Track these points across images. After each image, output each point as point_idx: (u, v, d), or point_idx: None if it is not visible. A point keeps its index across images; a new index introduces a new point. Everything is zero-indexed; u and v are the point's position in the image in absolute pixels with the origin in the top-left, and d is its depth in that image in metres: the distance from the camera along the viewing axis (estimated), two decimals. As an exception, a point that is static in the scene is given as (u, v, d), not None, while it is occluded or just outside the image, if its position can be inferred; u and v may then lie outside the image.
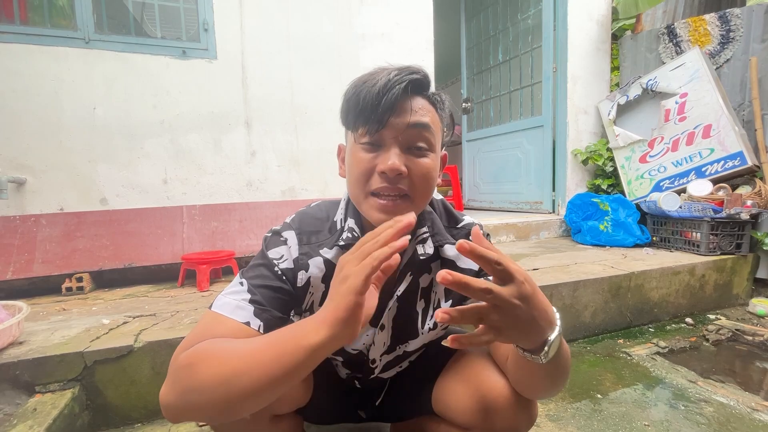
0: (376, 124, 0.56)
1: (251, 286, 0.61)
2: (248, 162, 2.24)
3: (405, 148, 0.58)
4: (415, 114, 0.58)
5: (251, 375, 0.45)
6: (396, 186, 0.58)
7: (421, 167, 0.59)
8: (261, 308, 0.59)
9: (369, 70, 0.59)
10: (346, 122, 0.61)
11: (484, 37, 3.67)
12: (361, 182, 0.59)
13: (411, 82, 0.56)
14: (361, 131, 0.58)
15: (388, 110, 0.56)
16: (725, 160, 2.21)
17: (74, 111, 1.93)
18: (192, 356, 0.50)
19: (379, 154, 0.58)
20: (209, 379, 0.47)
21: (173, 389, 0.49)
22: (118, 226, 1.88)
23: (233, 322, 0.56)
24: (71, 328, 1.24)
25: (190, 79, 2.11)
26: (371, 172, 0.58)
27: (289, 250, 0.65)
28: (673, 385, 1.31)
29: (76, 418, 1.03)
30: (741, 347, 1.63)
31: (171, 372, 0.51)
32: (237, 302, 0.58)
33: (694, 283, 1.94)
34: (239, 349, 0.48)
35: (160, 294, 1.69)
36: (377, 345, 0.73)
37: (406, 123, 0.57)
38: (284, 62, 2.29)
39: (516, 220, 2.83)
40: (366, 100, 0.55)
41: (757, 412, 1.15)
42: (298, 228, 0.67)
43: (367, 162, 0.58)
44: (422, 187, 0.60)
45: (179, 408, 0.49)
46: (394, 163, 0.56)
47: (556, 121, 3.01)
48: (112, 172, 2.00)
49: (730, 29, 2.43)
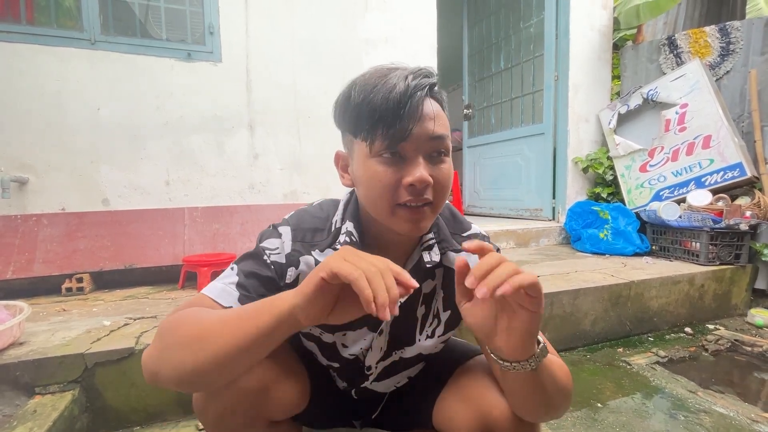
0: (400, 136, 0.53)
1: (241, 271, 0.61)
2: (251, 165, 2.25)
3: (427, 156, 0.57)
4: (436, 123, 0.56)
5: (221, 336, 0.48)
6: (422, 196, 0.56)
7: (442, 174, 0.58)
8: (246, 295, 0.59)
9: (371, 70, 0.57)
10: (353, 130, 0.58)
11: (487, 45, 3.70)
12: (385, 197, 0.56)
13: (430, 87, 0.55)
14: (379, 143, 0.55)
15: (411, 120, 0.53)
16: (725, 171, 2.23)
17: (78, 111, 1.94)
18: (175, 318, 0.53)
19: (403, 166, 0.56)
20: (185, 335, 0.50)
21: (154, 347, 0.53)
22: (119, 226, 1.88)
23: (216, 305, 0.57)
24: (72, 330, 1.24)
25: (194, 81, 2.12)
26: (396, 186, 0.56)
27: (282, 244, 0.64)
28: (672, 395, 1.31)
29: (75, 420, 1.02)
30: (740, 358, 1.63)
31: (156, 333, 0.54)
32: (224, 286, 0.59)
33: (694, 292, 1.95)
34: (215, 314, 0.52)
35: (160, 296, 1.69)
36: (374, 350, 0.72)
37: (429, 133, 0.55)
38: (288, 66, 2.30)
39: (516, 226, 2.84)
40: (385, 109, 0.52)
41: (757, 423, 1.15)
42: (295, 225, 0.66)
43: (390, 175, 0.55)
44: (443, 192, 0.59)
45: (156, 366, 0.51)
46: (422, 175, 0.54)
47: (557, 128, 3.02)
48: (114, 172, 2.01)
49: (730, 41, 2.46)
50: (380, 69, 0.56)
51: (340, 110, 0.59)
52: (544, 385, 0.54)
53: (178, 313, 0.54)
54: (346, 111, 0.57)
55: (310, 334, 0.73)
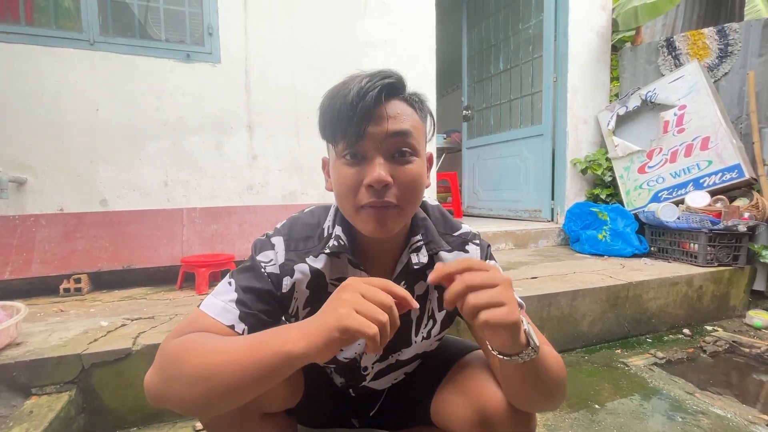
0: (354, 136, 0.55)
1: (239, 287, 0.61)
2: (249, 166, 2.25)
3: (389, 156, 0.57)
4: (394, 121, 0.56)
5: (231, 373, 0.48)
6: (383, 199, 0.56)
7: (406, 174, 0.57)
8: (246, 312, 0.59)
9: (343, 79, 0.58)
10: (324, 136, 0.60)
11: (486, 46, 3.70)
12: (349, 198, 0.58)
13: (384, 87, 0.55)
14: (341, 145, 0.57)
15: (364, 120, 0.54)
16: (723, 173, 2.23)
17: (77, 112, 1.94)
18: (179, 347, 0.53)
19: (364, 166, 0.56)
20: (191, 372, 0.49)
21: (158, 375, 0.53)
22: (117, 227, 1.87)
23: (217, 323, 0.57)
24: (69, 330, 1.24)
25: (193, 82, 2.13)
26: (358, 187, 0.57)
27: (276, 255, 0.65)
28: (670, 397, 1.31)
29: (72, 421, 1.02)
30: (738, 359, 1.63)
31: (158, 359, 0.54)
32: (224, 304, 0.59)
33: (692, 294, 1.95)
34: (223, 347, 0.51)
35: (158, 296, 1.69)
36: (369, 354, 0.72)
37: (385, 131, 0.55)
38: (287, 67, 2.31)
39: (515, 227, 2.84)
40: (341, 112, 0.54)
41: (755, 425, 1.15)
42: (287, 234, 0.67)
43: (352, 176, 0.57)
44: (410, 194, 0.58)
45: (161, 395, 0.52)
46: (379, 175, 0.54)
47: (556, 130, 3.03)
48: (113, 173, 2.01)
49: (729, 43, 2.47)
50: (348, 77, 0.57)
51: (318, 119, 0.60)
52: (540, 376, 0.55)
53: (181, 341, 0.53)
54: (319, 118, 0.59)
55: None
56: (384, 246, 0.67)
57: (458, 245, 0.72)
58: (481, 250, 0.72)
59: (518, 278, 1.85)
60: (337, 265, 0.67)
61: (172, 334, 0.57)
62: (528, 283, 1.77)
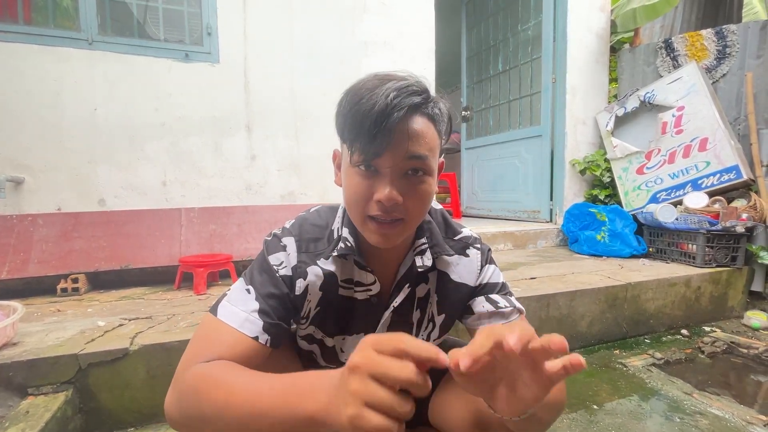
0: (373, 154, 0.54)
1: (259, 294, 0.60)
2: (248, 166, 2.25)
3: (402, 174, 0.56)
4: (414, 143, 0.55)
5: (254, 425, 0.45)
6: (391, 214, 0.56)
7: (417, 193, 0.57)
8: (270, 322, 0.59)
9: (367, 78, 0.56)
10: (341, 137, 0.59)
11: (485, 47, 3.71)
12: (358, 207, 0.58)
13: (411, 108, 0.54)
14: (357, 155, 0.56)
15: (385, 140, 0.53)
16: (721, 174, 2.24)
17: (75, 112, 1.94)
18: (200, 381, 0.51)
19: (376, 181, 0.56)
20: (211, 414, 0.48)
21: (178, 406, 0.52)
22: (115, 227, 1.87)
23: (241, 335, 0.57)
24: (66, 330, 1.23)
25: (192, 82, 2.12)
26: (368, 198, 0.57)
27: (287, 257, 0.64)
28: (668, 397, 1.31)
29: (68, 421, 1.02)
30: (736, 360, 1.63)
31: (177, 387, 0.53)
32: (246, 314, 0.58)
33: (690, 294, 1.95)
34: (245, 391, 0.47)
35: (156, 296, 1.69)
36: None
37: (403, 153, 0.54)
38: (287, 68, 2.30)
39: (514, 228, 2.84)
40: (363, 124, 0.52)
41: (752, 425, 1.15)
42: (297, 235, 0.67)
43: (363, 188, 0.57)
44: (418, 210, 0.59)
45: (183, 425, 0.52)
46: (390, 194, 0.54)
47: (555, 131, 3.03)
48: (111, 173, 2.00)
49: (727, 45, 2.47)
50: (374, 79, 0.55)
51: (336, 113, 0.59)
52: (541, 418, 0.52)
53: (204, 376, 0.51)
54: (338, 116, 0.58)
55: (312, 336, 0.73)
56: (389, 248, 0.67)
57: (459, 249, 0.72)
58: (482, 254, 0.73)
59: (517, 279, 1.85)
60: (345, 266, 0.67)
61: (191, 353, 0.55)
62: (527, 283, 1.77)
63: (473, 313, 0.69)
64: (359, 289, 0.67)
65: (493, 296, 0.69)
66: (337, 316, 0.69)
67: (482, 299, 0.69)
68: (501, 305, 0.68)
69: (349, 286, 0.68)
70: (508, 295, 0.71)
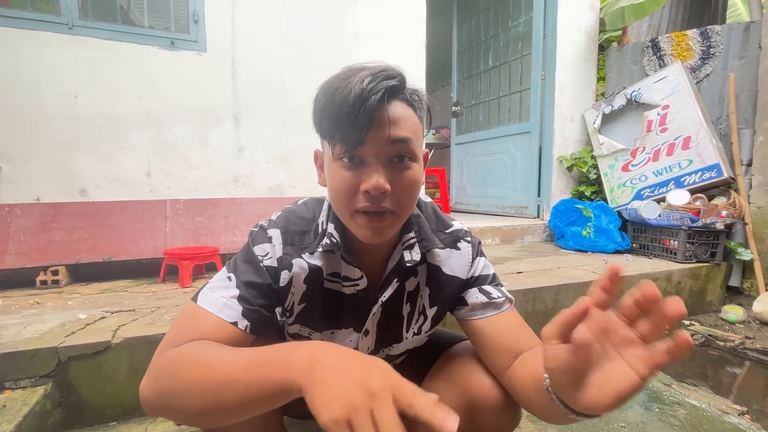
0: (355, 142, 0.52)
1: (239, 282, 0.60)
2: (235, 157, 2.21)
3: (387, 161, 0.55)
4: (396, 126, 0.53)
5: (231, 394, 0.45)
6: (380, 204, 0.55)
7: (405, 180, 0.56)
8: (249, 308, 0.58)
9: (340, 71, 0.54)
10: (320, 132, 0.57)
11: (476, 42, 3.71)
12: (344, 201, 0.56)
13: (387, 90, 0.52)
14: (338, 147, 0.54)
15: (365, 125, 0.51)
16: (703, 172, 2.29)
17: (56, 99, 1.87)
18: (176, 360, 0.50)
19: (361, 171, 0.54)
20: (189, 389, 0.47)
21: (154, 388, 0.50)
22: (97, 218, 1.82)
23: (219, 321, 0.56)
24: (45, 323, 1.20)
25: (178, 70, 2.07)
26: (354, 191, 0.55)
27: (273, 249, 0.64)
28: (648, 388, 1.34)
29: (47, 415, 0.99)
30: (713, 352, 1.69)
31: (153, 369, 0.51)
32: (225, 300, 0.57)
33: (671, 289, 2.00)
34: (222, 364, 0.47)
35: (140, 289, 1.65)
36: (361, 349, 0.72)
37: (386, 138, 0.53)
38: (275, 58, 2.27)
39: (501, 224, 2.87)
40: (341, 113, 0.50)
41: (727, 414, 1.19)
42: (283, 227, 0.66)
43: (348, 180, 0.55)
44: (407, 200, 0.57)
45: (158, 406, 0.50)
46: (377, 182, 0.53)
47: (543, 127, 3.06)
48: (93, 163, 1.95)
49: (711, 45, 2.52)
50: (347, 70, 0.53)
51: (313, 110, 0.57)
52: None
53: (177, 353, 0.50)
54: (315, 112, 0.56)
55: (299, 335, 0.72)
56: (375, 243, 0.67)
57: (450, 243, 0.72)
58: (473, 248, 0.73)
59: (504, 273, 1.87)
60: (331, 260, 0.66)
61: (166, 342, 0.54)
62: (514, 277, 1.79)
63: (467, 304, 0.69)
64: (347, 283, 0.67)
65: (485, 287, 0.70)
66: (325, 310, 0.68)
67: (475, 290, 0.69)
68: (494, 296, 0.69)
69: (335, 280, 0.67)
70: (498, 285, 0.72)
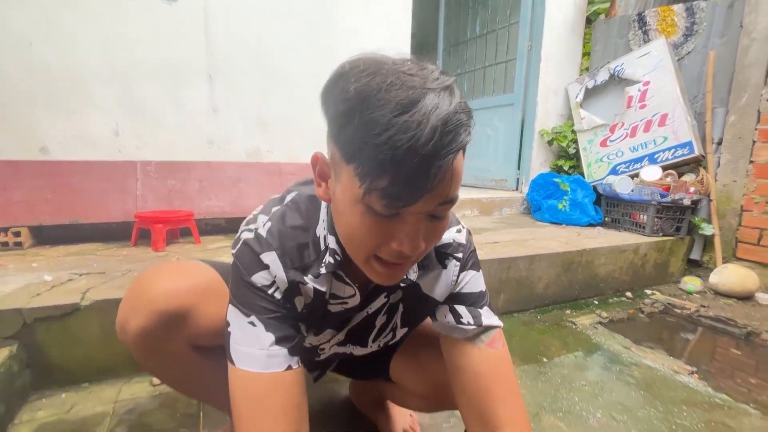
0: (404, 201, 0.41)
1: (268, 323, 0.53)
2: (210, 119, 2.11)
3: (428, 217, 0.45)
4: (454, 186, 0.44)
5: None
6: (405, 257, 0.47)
7: (437, 231, 0.48)
8: (291, 346, 0.54)
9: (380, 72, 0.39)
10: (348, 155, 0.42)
11: (464, 7, 3.59)
12: (363, 248, 0.47)
13: (464, 146, 0.41)
14: (376, 198, 0.41)
15: (424, 187, 0.40)
16: (676, 149, 2.35)
17: (6, 46, 1.71)
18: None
19: (395, 224, 0.44)
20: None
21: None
22: (61, 178, 1.72)
23: (272, 375, 0.52)
24: (7, 284, 1.15)
25: (145, 21, 1.91)
26: (380, 242, 0.46)
27: (275, 278, 0.54)
28: (609, 351, 1.43)
29: (15, 377, 0.97)
30: (671, 319, 1.80)
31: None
32: (266, 351, 0.52)
33: (637, 261, 2.10)
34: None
35: (110, 252, 1.60)
36: (331, 342, 0.71)
37: (439, 199, 0.43)
38: (253, 14, 2.12)
39: (481, 195, 2.90)
40: (397, 165, 0.37)
41: (679, 374, 1.29)
42: (279, 247, 0.54)
43: (376, 230, 0.44)
44: (431, 246, 0.50)
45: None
46: (416, 244, 0.45)
47: (527, 100, 3.05)
48: (54, 119, 1.81)
49: (695, 22, 2.52)
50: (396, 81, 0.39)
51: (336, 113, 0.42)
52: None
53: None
54: (344, 126, 0.41)
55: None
56: None
57: (440, 259, 0.63)
58: (461, 266, 0.64)
59: (481, 243, 1.91)
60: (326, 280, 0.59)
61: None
62: (490, 247, 1.83)
63: (437, 320, 0.65)
64: (334, 301, 0.61)
65: (459, 307, 0.62)
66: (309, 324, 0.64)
67: (446, 308, 0.63)
68: (464, 321, 0.61)
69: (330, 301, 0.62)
70: (480, 308, 0.63)
